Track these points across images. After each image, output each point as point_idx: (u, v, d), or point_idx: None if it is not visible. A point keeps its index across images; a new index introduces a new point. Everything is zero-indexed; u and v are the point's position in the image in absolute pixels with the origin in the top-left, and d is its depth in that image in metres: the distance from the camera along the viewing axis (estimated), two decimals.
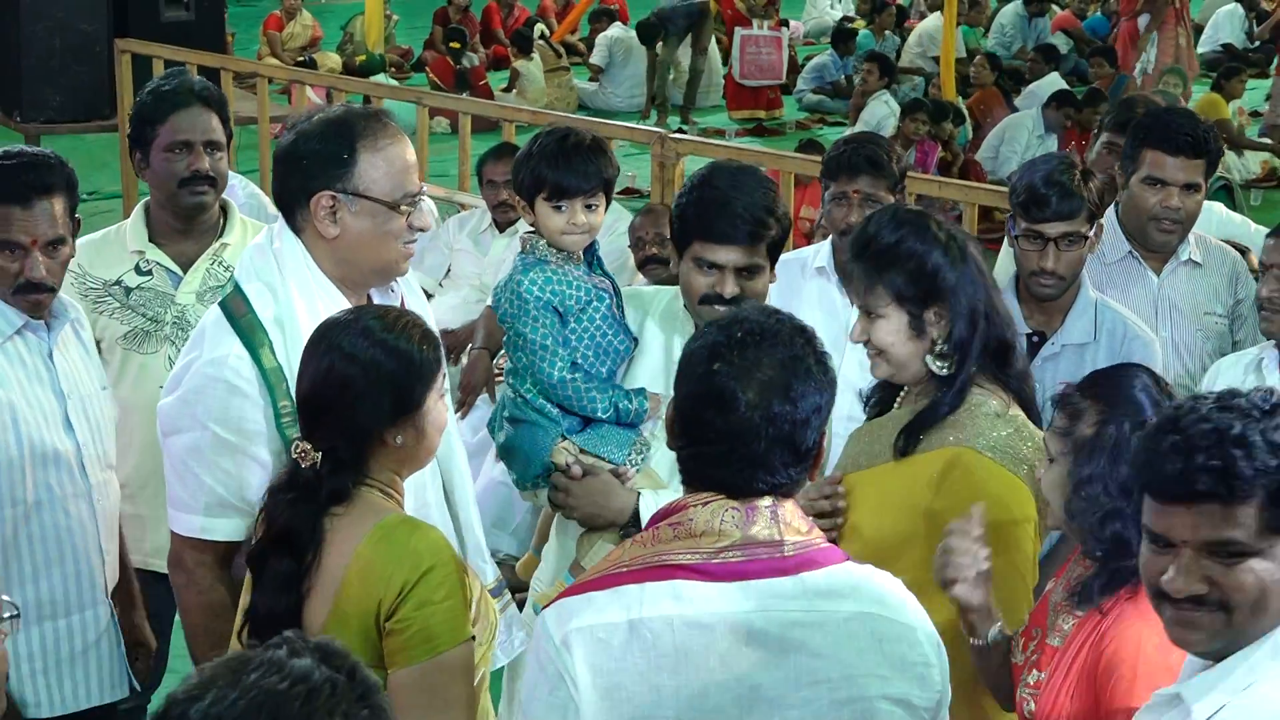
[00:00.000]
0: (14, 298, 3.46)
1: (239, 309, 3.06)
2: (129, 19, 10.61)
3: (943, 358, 3.10)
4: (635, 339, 3.50)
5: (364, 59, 15.33)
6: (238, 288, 3.10)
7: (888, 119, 12.82)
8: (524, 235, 3.50)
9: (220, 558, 3.07)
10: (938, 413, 3.11)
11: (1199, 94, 13.30)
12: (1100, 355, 3.92)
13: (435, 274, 6.95)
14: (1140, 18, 13.07)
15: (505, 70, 16.31)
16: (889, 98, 13.49)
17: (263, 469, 3.00)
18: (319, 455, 2.78)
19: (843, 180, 4.22)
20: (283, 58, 15.73)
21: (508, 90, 15.48)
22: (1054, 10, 18.37)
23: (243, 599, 2.88)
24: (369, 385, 2.76)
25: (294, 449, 2.82)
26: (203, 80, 4.36)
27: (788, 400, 2.32)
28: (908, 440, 3.12)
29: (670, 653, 2.29)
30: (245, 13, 18.82)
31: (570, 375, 3.39)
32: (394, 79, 14.97)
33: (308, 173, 3.05)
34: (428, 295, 6.59)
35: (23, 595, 3.41)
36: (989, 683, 2.97)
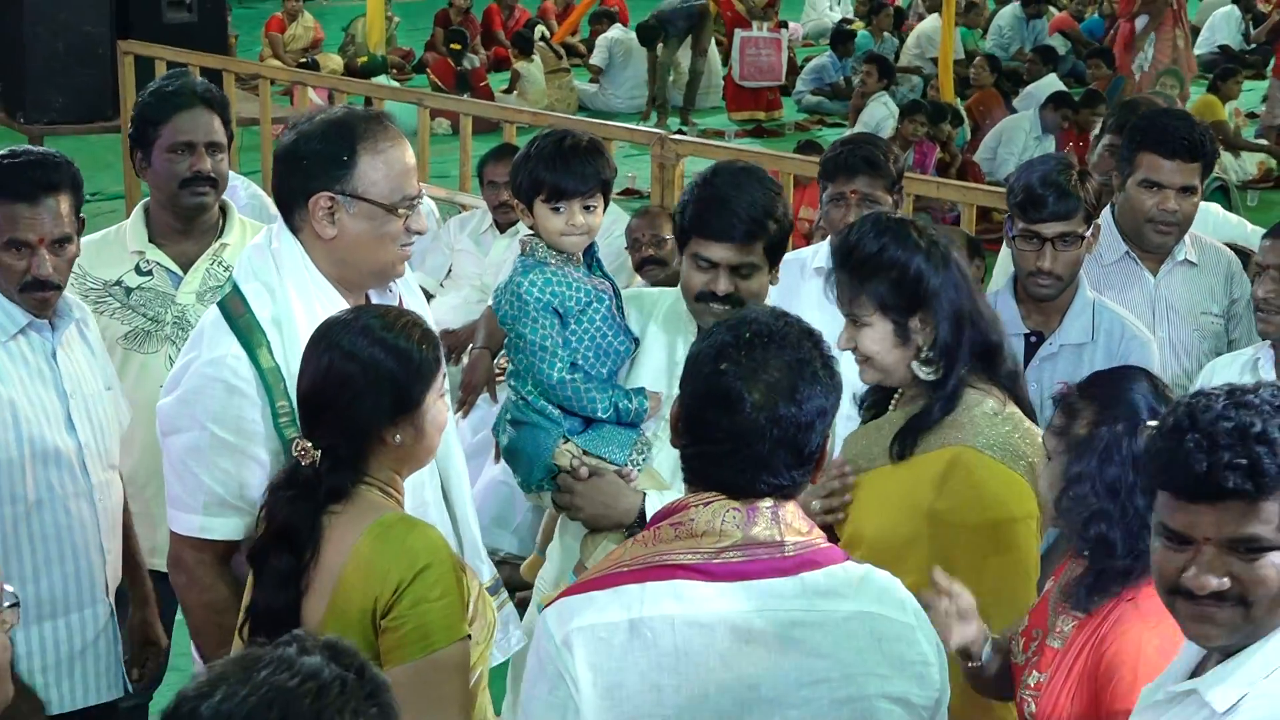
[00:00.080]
0: (20, 296, 3.46)
1: (237, 309, 3.06)
2: (132, 21, 10.61)
3: (929, 364, 3.10)
4: (636, 340, 3.50)
5: (365, 60, 15.36)
6: (236, 288, 3.10)
7: (886, 120, 12.78)
8: (523, 238, 3.50)
9: (219, 556, 3.08)
10: (930, 418, 3.11)
11: (1196, 95, 13.32)
12: (1098, 355, 3.93)
13: (436, 274, 6.96)
14: (1138, 19, 13.06)
15: (506, 72, 16.28)
16: (888, 99, 13.46)
17: (261, 468, 3.01)
18: (319, 453, 2.79)
19: (840, 181, 4.24)
20: (285, 59, 15.71)
21: (508, 91, 15.46)
22: (1051, 12, 18.34)
23: (246, 596, 2.89)
24: (368, 384, 2.76)
25: (294, 447, 2.83)
26: (205, 81, 4.36)
27: (793, 402, 2.33)
28: (903, 445, 3.13)
29: (671, 652, 2.30)
30: (247, 14, 18.87)
31: (570, 376, 3.39)
32: (395, 80, 15.00)
33: (307, 173, 3.05)
34: (429, 295, 6.65)
35: (22, 593, 3.29)
36: (988, 693, 2.97)
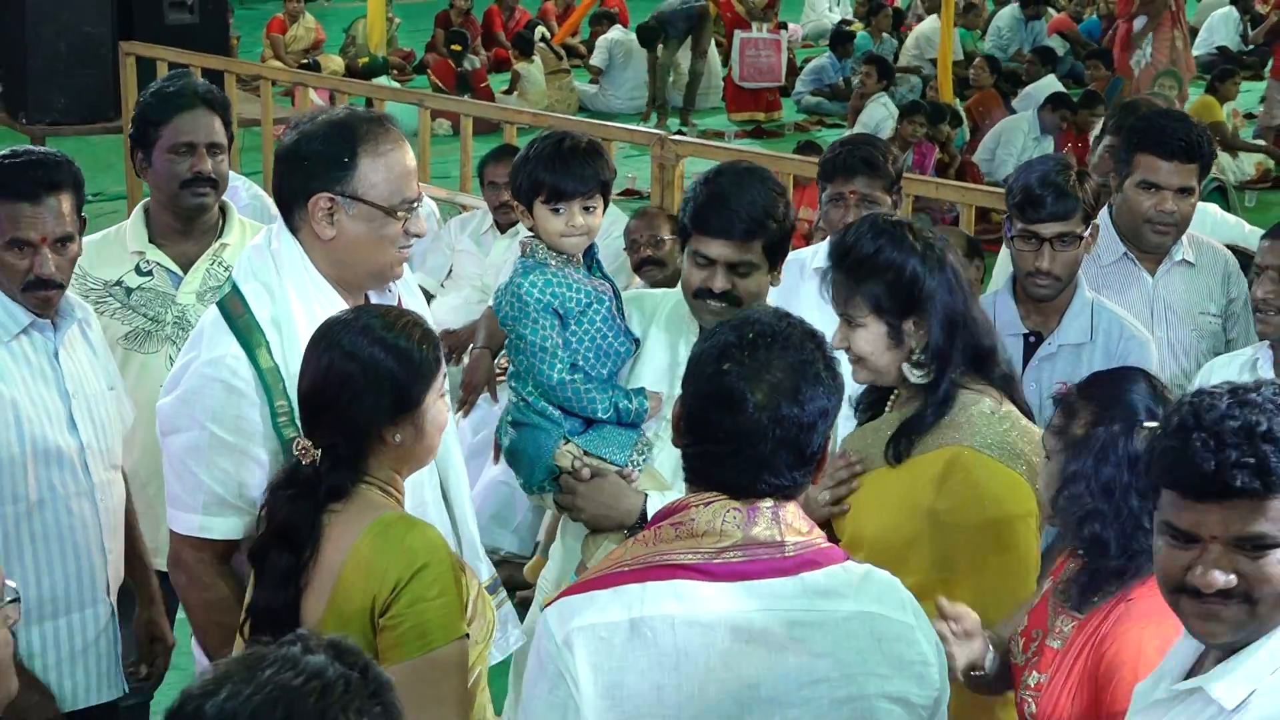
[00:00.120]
0: (23, 295, 3.46)
1: (236, 309, 3.06)
2: (134, 22, 10.63)
3: (919, 366, 3.11)
4: (636, 340, 3.50)
5: (366, 61, 15.41)
6: (235, 288, 3.11)
7: (886, 121, 12.80)
8: (523, 239, 3.51)
9: (219, 556, 3.08)
10: (923, 423, 3.12)
11: (1194, 96, 13.34)
12: (1096, 355, 3.94)
13: (437, 275, 6.97)
14: (1136, 19, 13.09)
15: (506, 72, 16.28)
16: (887, 100, 13.47)
17: (260, 468, 3.01)
18: (319, 452, 2.80)
19: (839, 181, 4.26)
20: (286, 60, 15.72)
21: (509, 92, 15.47)
22: (1050, 13, 18.34)
23: (248, 595, 2.90)
24: (368, 383, 2.77)
25: (295, 446, 2.84)
26: (206, 82, 4.36)
27: (796, 403, 2.34)
28: (898, 449, 3.13)
29: (671, 652, 2.30)
30: (249, 15, 18.91)
31: (570, 377, 3.38)
32: (396, 81, 15.04)
33: (308, 173, 3.05)
34: (430, 296, 6.68)
35: (24, 593, 3.28)
36: (986, 690, 2.97)
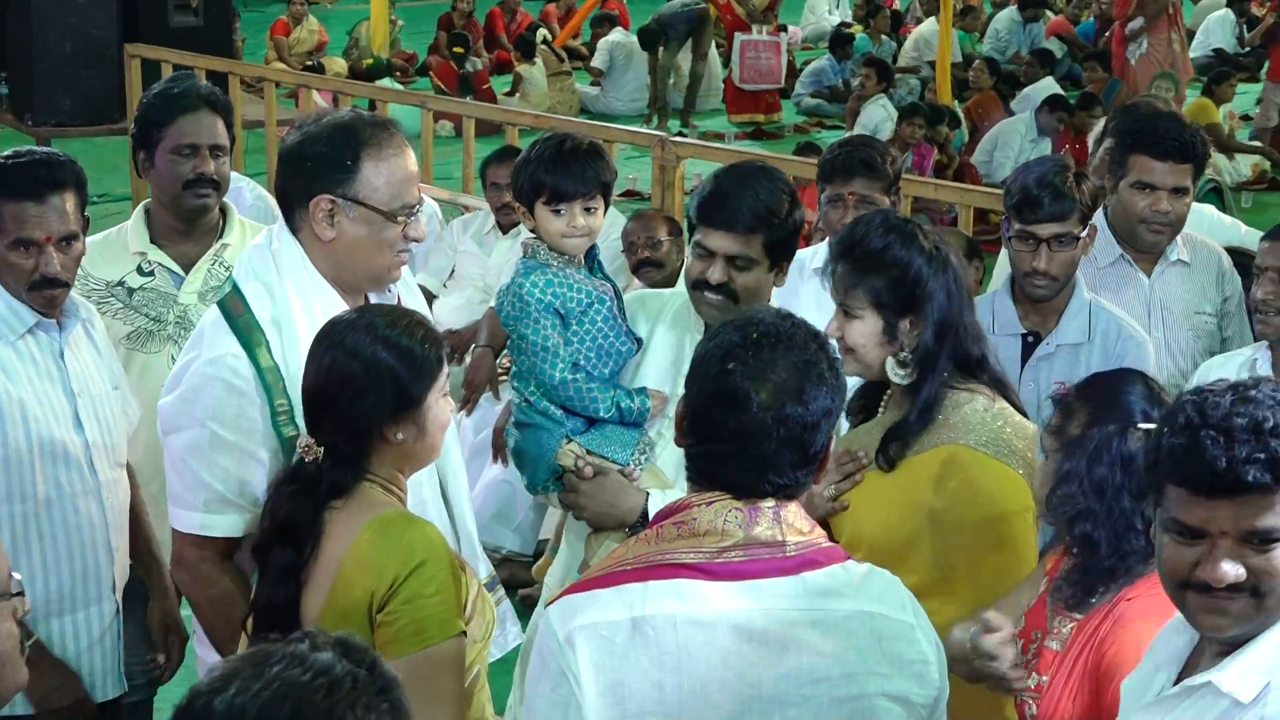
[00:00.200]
0: (28, 294, 3.46)
1: (237, 309, 3.07)
2: (139, 24, 10.70)
3: (903, 365, 3.11)
4: (638, 340, 3.50)
5: (369, 63, 15.49)
6: (236, 288, 3.12)
7: (885, 122, 12.83)
8: (525, 240, 3.52)
9: (220, 553, 3.10)
10: (909, 428, 3.12)
11: (1191, 98, 13.41)
12: (1094, 356, 3.95)
13: (439, 275, 7.02)
14: (1133, 21, 13.16)
15: (508, 74, 16.35)
16: (886, 101, 13.52)
17: (260, 466, 3.03)
18: (321, 450, 2.82)
19: (838, 183, 4.28)
20: (290, 62, 15.80)
21: (511, 94, 15.55)
22: (1048, 15, 18.37)
23: (254, 591, 2.93)
24: (370, 381, 2.78)
25: (299, 444, 2.87)
26: (209, 84, 4.37)
27: (800, 403, 2.34)
28: (887, 455, 3.14)
29: (672, 651, 2.31)
30: (253, 18, 18.99)
31: (572, 376, 3.39)
32: (399, 83, 15.11)
33: (310, 174, 3.06)
34: (432, 296, 6.77)
35: (31, 590, 3.33)
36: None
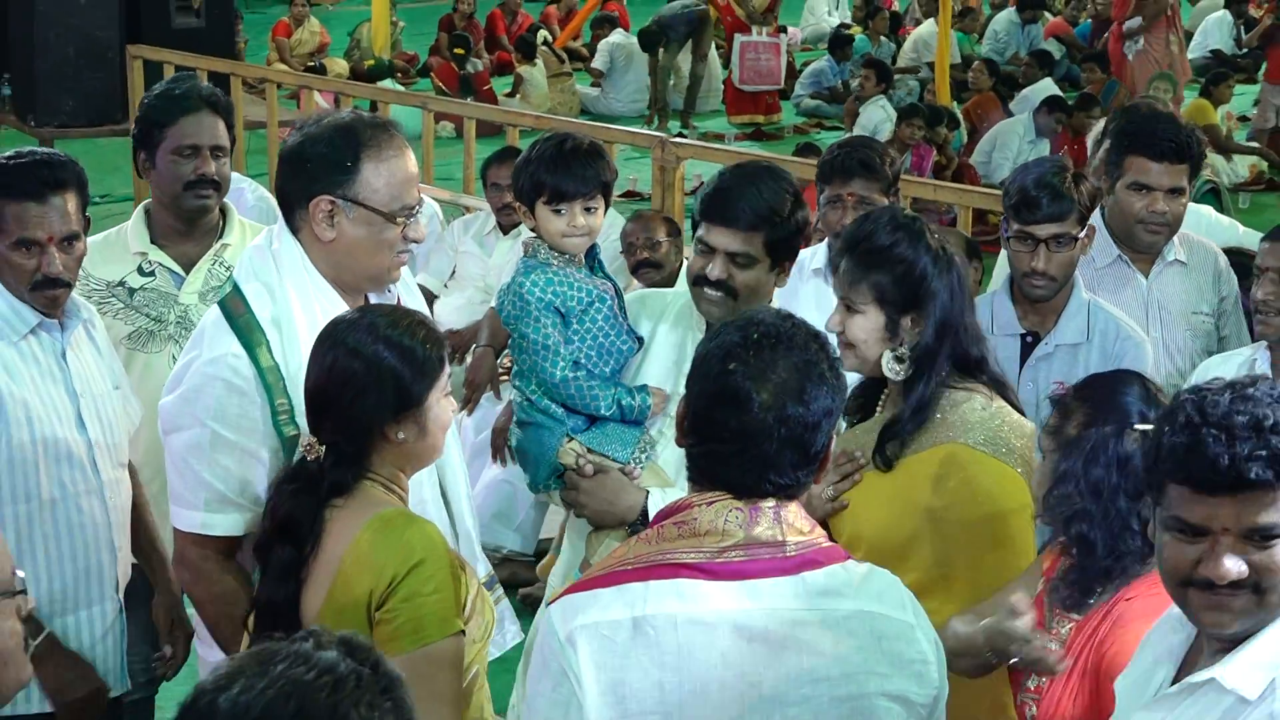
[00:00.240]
0: (31, 295, 3.47)
1: (237, 309, 3.09)
2: (141, 26, 10.77)
3: (900, 361, 3.11)
4: (640, 339, 3.51)
5: (371, 65, 15.51)
6: (236, 288, 3.13)
7: (884, 123, 12.85)
8: (526, 240, 3.54)
9: (222, 551, 3.11)
10: (903, 427, 3.12)
11: (1189, 99, 13.46)
12: (1093, 355, 3.96)
13: (440, 276, 7.04)
14: (1131, 21, 13.20)
15: (509, 76, 16.37)
16: (885, 102, 13.54)
17: (261, 465, 3.04)
18: (323, 449, 2.83)
19: (837, 184, 4.30)
20: (291, 63, 15.83)
21: (511, 95, 15.58)
22: (1046, 17, 18.39)
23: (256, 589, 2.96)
24: (371, 380, 2.79)
25: (301, 442, 2.89)
26: (209, 85, 4.38)
27: (801, 403, 2.35)
28: (884, 455, 3.14)
29: (673, 650, 2.31)
30: (255, 19, 19.02)
31: (572, 374, 3.40)
32: (400, 84, 15.14)
33: (310, 175, 3.07)
34: (433, 297, 6.80)
35: (35, 590, 3.31)
36: (987, 672, 2.90)
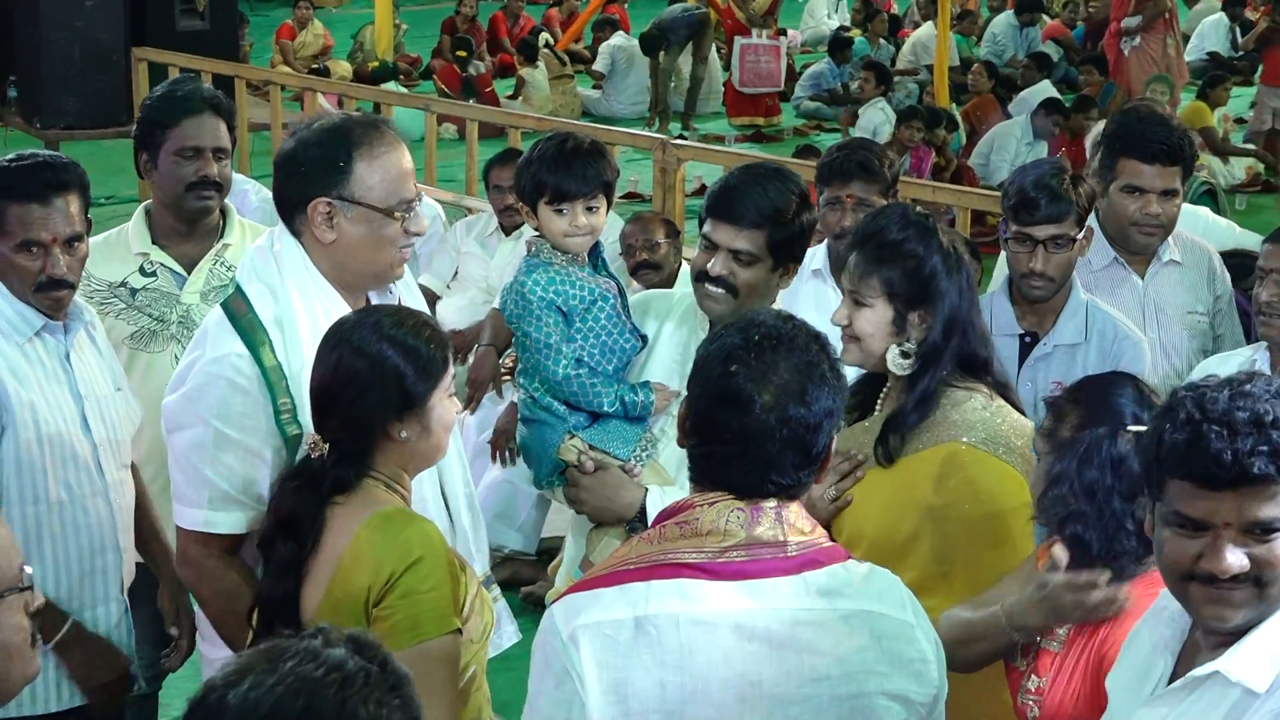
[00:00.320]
0: (35, 296, 3.48)
1: (240, 309, 3.10)
2: (146, 28, 10.85)
3: (905, 356, 3.12)
4: (643, 338, 3.51)
5: (374, 67, 15.54)
6: (239, 288, 3.14)
7: (883, 125, 12.90)
8: (529, 239, 3.56)
9: (224, 549, 3.12)
10: (905, 421, 3.13)
11: (1186, 101, 13.52)
12: (1091, 356, 3.97)
13: (443, 276, 7.09)
14: (1129, 20, 13.26)
15: (511, 78, 16.44)
16: (884, 104, 13.59)
17: (264, 464, 3.06)
18: (327, 447, 2.86)
19: (836, 185, 4.34)
20: (295, 66, 15.89)
21: (513, 97, 15.64)
22: (1044, 19, 18.43)
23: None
24: (375, 379, 2.81)
25: (305, 440, 2.92)
26: (211, 87, 4.40)
27: (802, 404, 2.36)
28: (887, 450, 3.15)
29: (675, 650, 2.32)
30: (259, 22, 19.04)
31: (575, 371, 3.41)
32: (403, 86, 15.18)
33: (306, 178, 3.09)
34: (435, 297, 6.87)
35: (42, 590, 3.30)
36: (989, 663, 2.92)
